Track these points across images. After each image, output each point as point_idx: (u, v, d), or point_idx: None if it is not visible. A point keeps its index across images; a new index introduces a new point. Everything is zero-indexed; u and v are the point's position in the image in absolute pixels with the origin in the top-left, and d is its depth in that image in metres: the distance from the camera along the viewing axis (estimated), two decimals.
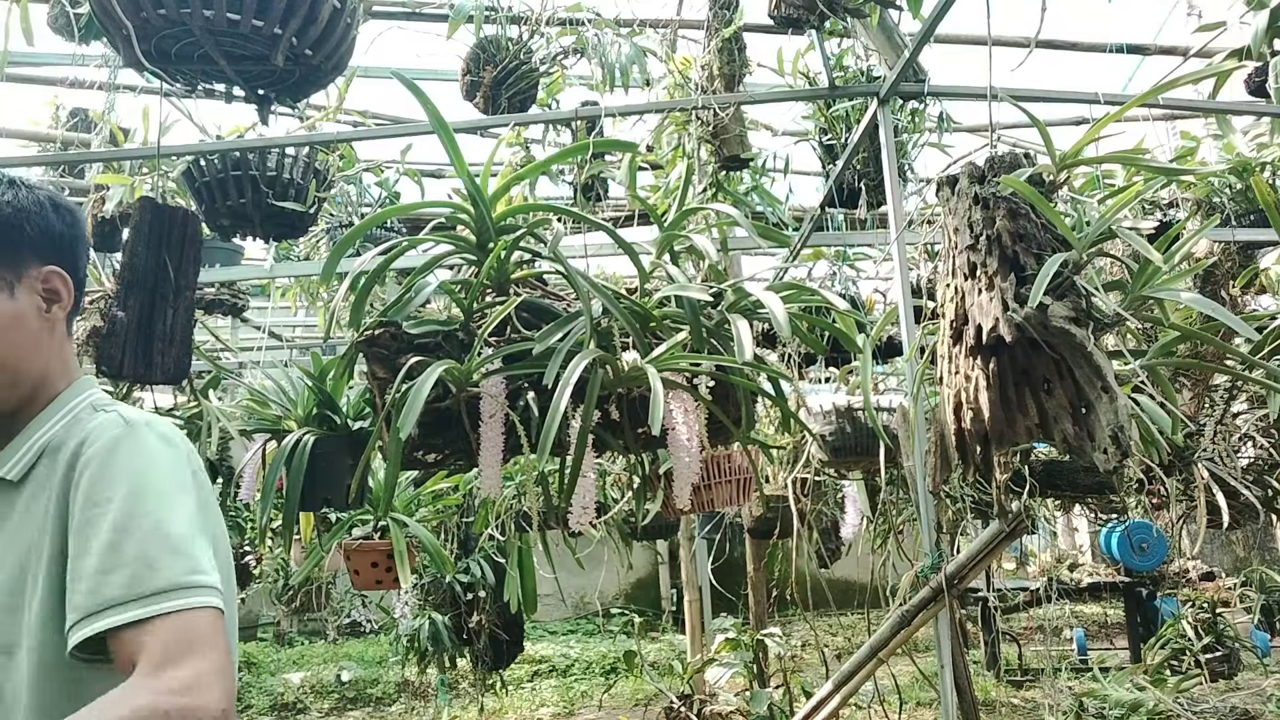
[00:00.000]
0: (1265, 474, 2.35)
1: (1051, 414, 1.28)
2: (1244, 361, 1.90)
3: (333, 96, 2.97)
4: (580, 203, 2.72)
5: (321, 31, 1.72)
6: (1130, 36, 3.57)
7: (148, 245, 1.91)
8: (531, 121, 2.80)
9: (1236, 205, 3.10)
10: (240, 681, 6.64)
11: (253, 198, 2.61)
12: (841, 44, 3.03)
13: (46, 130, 3.55)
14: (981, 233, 1.37)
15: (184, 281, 1.93)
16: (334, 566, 4.22)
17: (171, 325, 1.89)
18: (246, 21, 1.62)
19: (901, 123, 3.00)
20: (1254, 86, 3.20)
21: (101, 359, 1.90)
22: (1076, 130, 3.65)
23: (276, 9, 1.64)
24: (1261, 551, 7.80)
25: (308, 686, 6.61)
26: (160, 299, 1.89)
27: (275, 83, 1.83)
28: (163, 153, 2.57)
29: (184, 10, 1.60)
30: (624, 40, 2.89)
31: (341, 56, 1.83)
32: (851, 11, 2.26)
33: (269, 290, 4.18)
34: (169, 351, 1.89)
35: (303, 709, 6.40)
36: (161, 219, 1.94)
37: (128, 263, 1.91)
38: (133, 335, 1.86)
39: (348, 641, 7.59)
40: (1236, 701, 4.47)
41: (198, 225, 1.98)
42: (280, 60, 1.67)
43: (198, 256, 1.98)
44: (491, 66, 2.85)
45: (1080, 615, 7.21)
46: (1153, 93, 1.66)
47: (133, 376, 1.93)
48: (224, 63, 1.70)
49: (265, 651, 7.62)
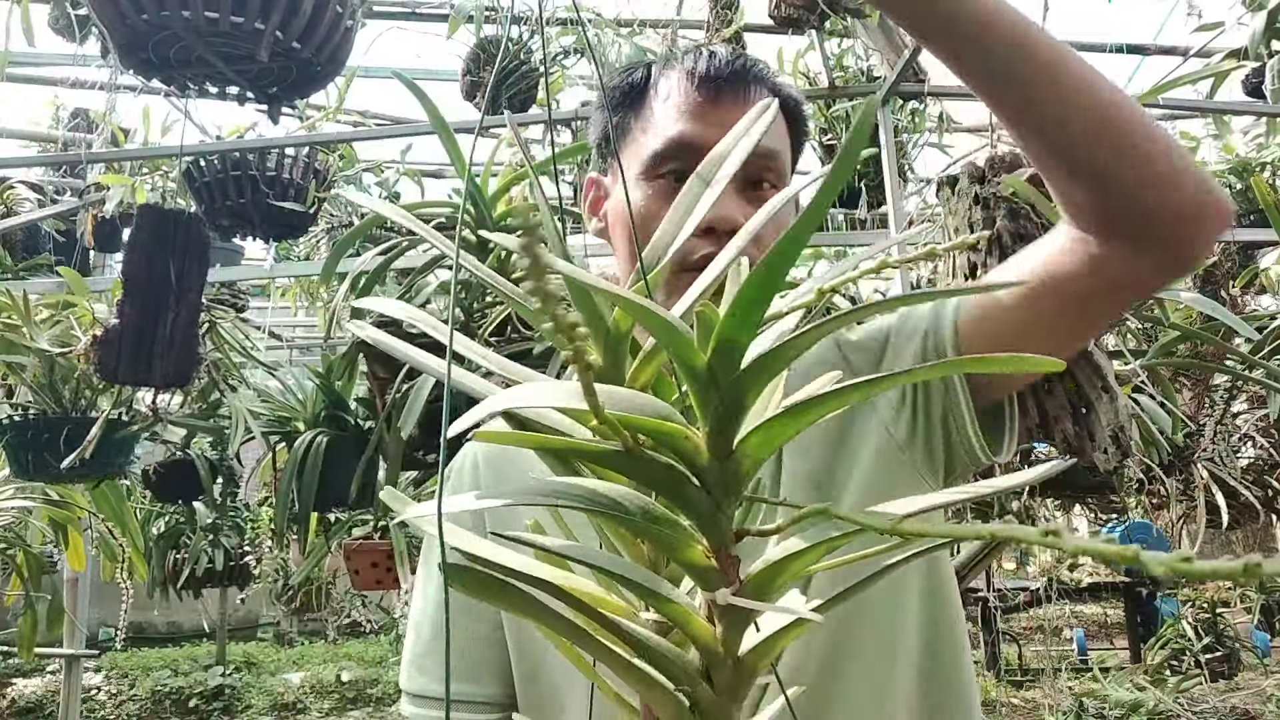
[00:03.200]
0: (1265, 474, 2.35)
1: (1051, 414, 1.28)
2: (1244, 361, 1.90)
3: (332, 96, 2.97)
4: (581, 203, 2.72)
5: (307, 23, 1.69)
6: (1130, 36, 3.57)
7: (146, 250, 1.91)
8: (532, 122, 2.80)
9: (1236, 205, 3.10)
10: (240, 681, 6.65)
11: (252, 198, 2.61)
12: (841, 44, 3.04)
13: (47, 130, 3.55)
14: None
15: (187, 284, 1.93)
16: (334, 566, 4.22)
17: (173, 329, 1.89)
18: (225, 18, 1.59)
19: (901, 123, 3.00)
20: (1251, 87, 3.21)
21: (99, 365, 1.90)
22: None
23: (253, 3, 1.62)
24: (1262, 551, 7.79)
25: (308, 686, 6.61)
26: (161, 303, 1.89)
27: (273, 81, 1.81)
28: (169, 152, 2.57)
29: (163, 13, 1.58)
30: (624, 40, 2.89)
31: (336, 49, 1.80)
32: (851, 11, 2.26)
33: (269, 290, 4.18)
34: (169, 355, 1.89)
35: (303, 709, 6.40)
36: (162, 223, 1.94)
37: (126, 270, 1.92)
38: (129, 339, 1.86)
39: (348, 641, 7.59)
40: (1236, 701, 4.47)
41: (202, 228, 1.98)
42: (265, 55, 1.64)
43: (203, 259, 1.98)
44: (491, 66, 2.85)
45: (1080, 615, 7.21)
46: (1152, 93, 1.66)
47: (131, 380, 1.93)
48: (220, 63, 1.69)
49: (265, 651, 7.62)
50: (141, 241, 1.91)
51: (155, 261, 1.89)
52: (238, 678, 6.70)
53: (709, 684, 0.38)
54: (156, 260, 1.89)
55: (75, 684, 3.25)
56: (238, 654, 7.28)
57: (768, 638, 0.37)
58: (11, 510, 2.43)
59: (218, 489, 3.14)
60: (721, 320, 0.35)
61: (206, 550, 3.89)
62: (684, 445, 0.36)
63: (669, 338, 0.35)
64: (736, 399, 0.36)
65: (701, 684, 0.37)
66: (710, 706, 0.37)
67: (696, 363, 0.35)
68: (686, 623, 0.37)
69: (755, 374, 0.36)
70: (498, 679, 0.79)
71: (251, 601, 7.47)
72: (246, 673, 6.89)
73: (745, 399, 0.36)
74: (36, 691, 6.36)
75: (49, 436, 2.06)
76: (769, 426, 0.36)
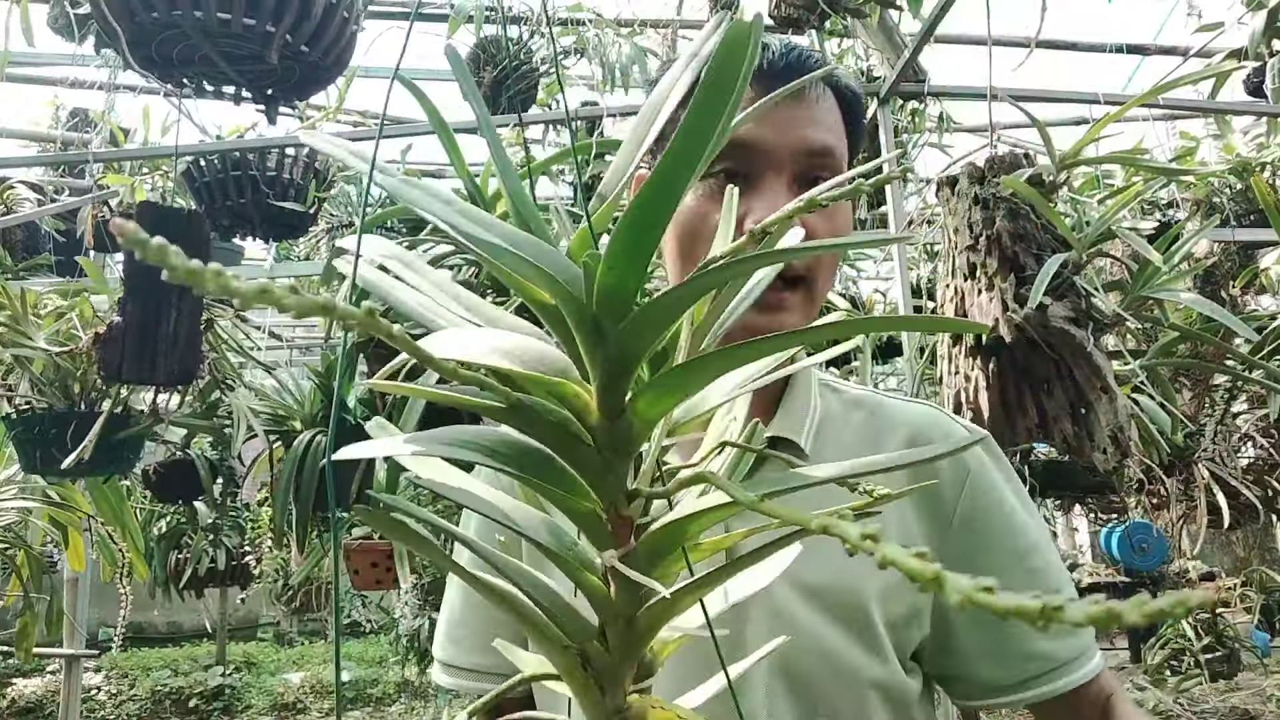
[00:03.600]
0: (1265, 474, 2.35)
1: (1051, 414, 1.28)
2: (1244, 361, 1.90)
3: (332, 96, 2.98)
4: (580, 203, 2.72)
5: (316, 27, 1.71)
6: (1130, 36, 3.57)
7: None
8: (532, 122, 2.80)
9: (1236, 205, 3.10)
10: (240, 681, 6.65)
11: (252, 198, 2.61)
12: (841, 44, 3.04)
13: (46, 130, 3.55)
14: (981, 233, 1.37)
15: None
16: None
17: (175, 327, 1.89)
18: (238, 20, 1.61)
19: (901, 123, 3.00)
20: (1252, 87, 3.21)
21: (102, 363, 1.90)
22: (1076, 130, 3.65)
23: (267, 6, 1.63)
24: (1261, 551, 7.80)
25: (308, 686, 6.61)
26: (164, 301, 1.89)
27: (277, 82, 1.82)
28: (165, 152, 2.57)
29: (175, 12, 1.59)
30: (624, 40, 2.89)
31: (341, 53, 1.82)
32: (851, 11, 2.26)
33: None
34: (172, 353, 1.89)
35: (303, 709, 6.40)
36: (163, 220, 1.94)
37: (127, 269, 1.92)
38: (133, 338, 1.86)
39: (348, 641, 7.59)
40: (1236, 701, 4.47)
41: (203, 225, 1.98)
42: (275, 58, 1.67)
43: (204, 256, 1.98)
44: (491, 66, 2.85)
45: None
46: (1152, 93, 1.66)
47: (135, 379, 1.93)
48: (224, 64, 1.70)
49: (265, 651, 7.62)
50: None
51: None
52: (238, 678, 6.70)
53: (603, 643, 0.37)
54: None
55: (75, 684, 3.25)
56: (238, 654, 7.28)
57: (659, 601, 0.36)
58: (13, 510, 2.43)
59: (218, 489, 3.14)
60: (601, 265, 0.32)
61: (207, 550, 3.89)
62: (574, 402, 0.35)
63: (551, 286, 0.33)
64: (626, 352, 0.34)
65: (593, 642, 0.37)
66: (601, 663, 0.37)
67: (582, 314, 0.33)
68: (580, 581, 0.36)
69: (643, 325, 0.33)
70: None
71: (251, 601, 7.47)
72: (246, 673, 6.89)
73: (635, 351, 0.34)
74: (36, 691, 6.36)
75: (56, 431, 2.04)
76: (660, 383, 0.34)
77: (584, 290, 0.33)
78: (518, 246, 0.33)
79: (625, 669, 0.38)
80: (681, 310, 0.36)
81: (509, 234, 0.34)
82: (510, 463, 0.34)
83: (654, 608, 0.37)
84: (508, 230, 0.35)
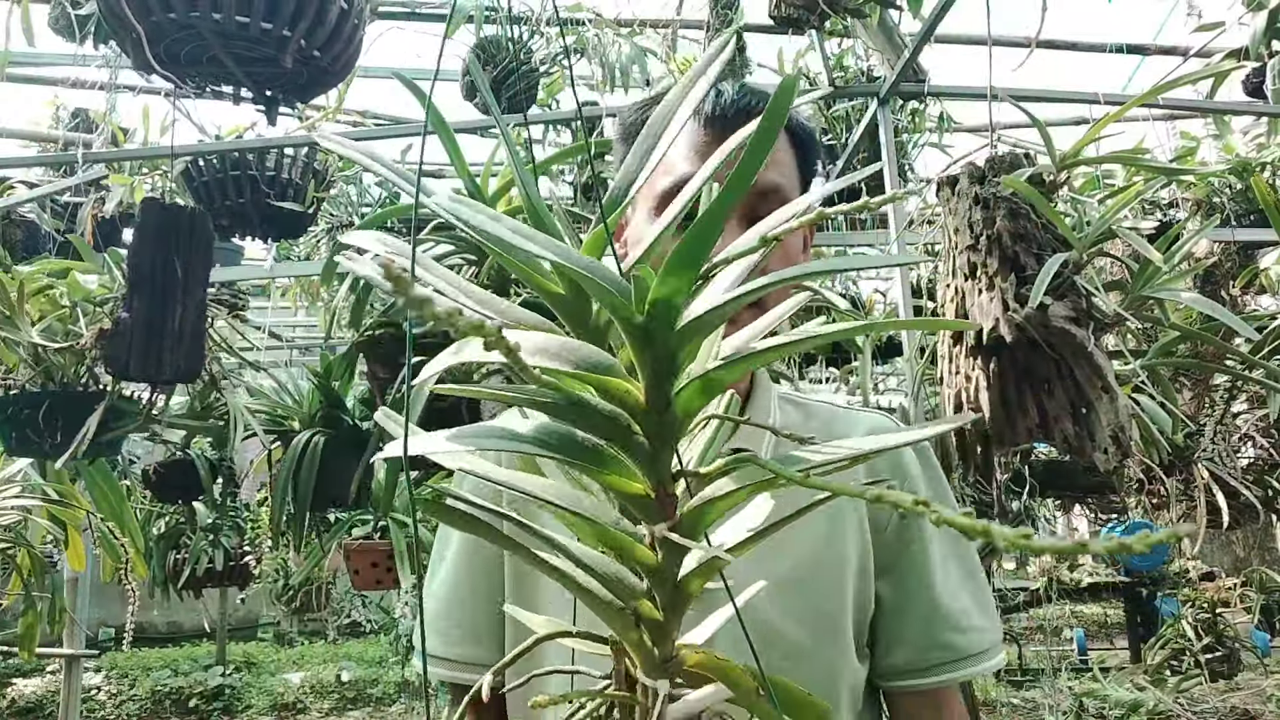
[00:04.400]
0: (1265, 474, 2.35)
1: (1052, 414, 1.28)
2: (1244, 361, 1.90)
3: (333, 97, 2.97)
4: (580, 203, 2.72)
5: (330, 33, 1.73)
6: (1130, 36, 3.57)
7: (152, 245, 1.90)
8: (532, 122, 2.80)
9: (1236, 205, 3.10)
10: (240, 681, 6.65)
11: (252, 198, 2.61)
12: (842, 44, 3.04)
13: (47, 130, 3.54)
14: (981, 233, 1.37)
15: (194, 279, 1.92)
16: (334, 566, 4.22)
17: (181, 323, 1.89)
18: (256, 24, 1.62)
19: (902, 123, 3.00)
20: (1251, 87, 3.21)
21: (108, 360, 1.89)
22: (1076, 130, 3.65)
23: (285, 11, 1.65)
24: (1261, 551, 7.80)
25: (308, 686, 6.61)
26: (169, 298, 1.88)
27: (284, 84, 1.83)
28: (163, 152, 2.57)
29: (194, 14, 1.60)
30: (624, 40, 2.89)
31: (349, 58, 1.84)
32: (851, 11, 2.26)
33: (269, 290, 4.18)
34: (179, 349, 1.88)
35: (303, 709, 6.40)
36: (166, 218, 1.93)
37: (132, 264, 1.91)
38: (139, 335, 1.85)
39: (348, 641, 7.59)
40: (1236, 701, 4.47)
41: (205, 222, 1.98)
42: (289, 62, 1.68)
43: (208, 254, 1.98)
44: (491, 66, 2.85)
45: (1080, 615, 7.21)
46: (1153, 93, 1.66)
47: (141, 376, 1.92)
48: (234, 65, 1.71)
49: (265, 651, 7.62)
50: (147, 235, 1.90)
51: (161, 255, 1.89)
52: (238, 678, 6.70)
53: (654, 602, 0.43)
54: (162, 254, 1.89)
55: (75, 684, 3.24)
56: (238, 654, 7.28)
57: (701, 564, 0.42)
58: (13, 510, 2.42)
59: (217, 489, 3.14)
60: (655, 282, 0.37)
61: (207, 550, 3.88)
62: (625, 398, 0.40)
63: (606, 299, 0.38)
64: (671, 355, 0.39)
65: (645, 601, 0.42)
66: (652, 620, 0.43)
67: (634, 321, 0.38)
68: (631, 550, 0.41)
69: (688, 332, 0.39)
70: (497, 645, 0.88)
71: (251, 601, 7.48)
72: (246, 673, 6.89)
73: (680, 354, 0.40)
74: (36, 691, 6.36)
75: (30, 413, 1.98)
76: (703, 380, 0.40)
77: (634, 301, 0.38)
78: (570, 261, 0.37)
79: (674, 623, 0.44)
80: (719, 323, 0.41)
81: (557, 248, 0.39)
82: (562, 452, 0.39)
83: (698, 569, 0.42)
84: (553, 244, 0.39)
